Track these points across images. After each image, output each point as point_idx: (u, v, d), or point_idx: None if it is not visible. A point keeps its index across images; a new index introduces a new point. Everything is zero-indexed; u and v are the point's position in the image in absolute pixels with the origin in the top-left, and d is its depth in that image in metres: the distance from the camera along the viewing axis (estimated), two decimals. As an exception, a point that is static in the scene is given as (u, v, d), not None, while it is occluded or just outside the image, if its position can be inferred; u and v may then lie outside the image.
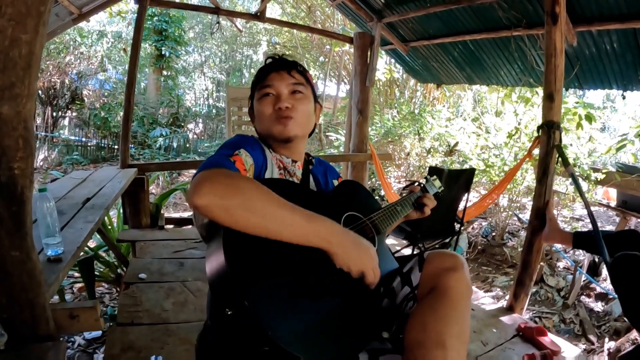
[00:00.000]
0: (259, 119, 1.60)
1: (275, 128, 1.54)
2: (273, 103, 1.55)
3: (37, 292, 1.78)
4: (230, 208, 1.09)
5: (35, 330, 1.83)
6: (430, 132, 8.62)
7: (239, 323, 1.10)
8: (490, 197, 4.72)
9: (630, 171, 5.56)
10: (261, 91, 1.57)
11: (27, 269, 1.72)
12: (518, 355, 2.84)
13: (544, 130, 3.33)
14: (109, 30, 17.37)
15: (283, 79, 1.56)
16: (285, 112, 1.53)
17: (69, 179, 4.14)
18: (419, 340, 1.20)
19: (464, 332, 1.22)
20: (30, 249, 1.72)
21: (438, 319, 1.21)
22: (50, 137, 13.61)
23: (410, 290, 1.42)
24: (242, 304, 1.05)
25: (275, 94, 1.56)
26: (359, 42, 5.75)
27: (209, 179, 1.11)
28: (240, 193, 1.11)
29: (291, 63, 1.61)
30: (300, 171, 1.65)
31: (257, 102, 1.59)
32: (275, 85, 1.55)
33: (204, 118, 16.79)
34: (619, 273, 2.46)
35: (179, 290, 3.35)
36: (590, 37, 3.88)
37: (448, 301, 1.24)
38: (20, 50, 1.50)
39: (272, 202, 1.15)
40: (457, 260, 1.34)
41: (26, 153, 1.60)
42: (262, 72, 1.60)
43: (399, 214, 1.73)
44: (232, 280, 1.07)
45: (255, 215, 1.11)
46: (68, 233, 2.50)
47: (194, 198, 1.09)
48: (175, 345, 2.63)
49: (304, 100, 1.58)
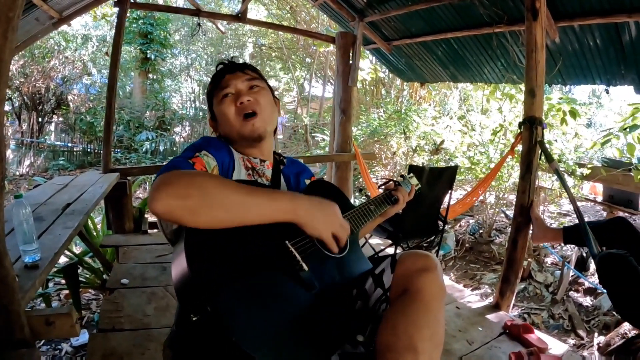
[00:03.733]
0: (223, 122, 1.59)
1: (244, 128, 1.53)
2: (234, 101, 1.54)
3: (10, 298, 1.76)
4: (191, 207, 1.08)
5: (10, 336, 1.81)
6: (416, 131, 8.64)
7: (204, 329, 1.08)
8: (474, 193, 4.73)
9: (615, 165, 5.59)
10: (220, 94, 1.57)
11: (0, 276, 1.70)
12: (504, 354, 2.82)
13: (526, 126, 3.34)
14: (94, 34, 17.26)
15: (238, 77, 1.58)
16: (247, 105, 1.53)
17: (50, 185, 4.10)
18: (389, 344, 1.17)
19: (436, 335, 1.19)
20: (3, 255, 1.70)
21: (409, 322, 1.18)
22: (36, 143, 13.50)
23: (382, 292, 1.40)
24: (205, 310, 1.03)
25: (234, 92, 1.56)
26: (341, 41, 5.74)
27: (164, 183, 1.09)
28: (197, 189, 1.10)
29: (242, 64, 1.63)
30: (269, 170, 1.62)
31: (218, 106, 1.59)
32: (232, 84, 1.56)
33: (191, 121, 16.73)
34: (606, 271, 2.48)
35: (161, 295, 3.32)
36: (572, 32, 3.88)
37: (420, 303, 1.21)
38: (-11, 56, 1.48)
39: (231, 190, 1.15)
40: (430, 260, 1.31)
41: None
42: (217, 77, 1.61)
43: (372, 213, 1.71)
44: (194, 285, 1.05)
45: (217, 208, 1.11)
46: (47, 239, 2.47)
47: (152, 205, 1.07)
48: (157, 351, 2.60)
49: (262, 92, 1.59)
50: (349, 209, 1.61)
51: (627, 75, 3.98)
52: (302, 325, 1.18)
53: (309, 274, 1.27)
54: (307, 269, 1.26)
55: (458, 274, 5.98)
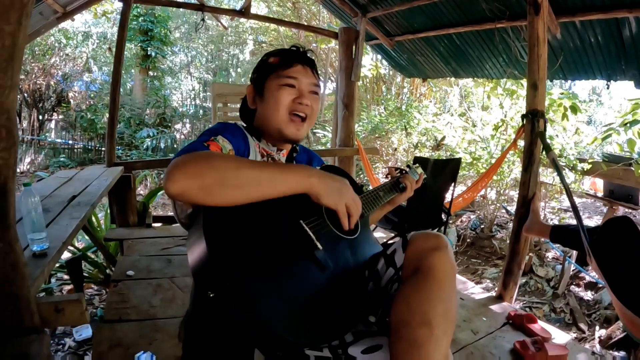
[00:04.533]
0: (270, 108, 1.52)
1: (289, 128, 1.51)
2: (294, 95, 1.51)
3: (20, 284, 1.75)
4: (206, 186, 1.09)
5: (20, 323, 1.80)
6: (417, 127, 8.64)
7: (221, 305, 1.09)
8: (477, 186, 4.74)
9: (616, 160, 5.60)
10: (282, 79, 1.51)
11: (11, 261, 1.70)
12: (509, 343, 2.84)
13: (529, 119, 3.38)
14: (94, 31, 17.22)
15: (308, 75, 1.54)
16: (305, 109, 1.51)
17: (54, 178, 4.10)
18: (404, 319, 1.18)
19: (450, 311, 1.20)
20: (13, 241, 1.70)
21: (423, 298, 1.20)
22: (37, 141, 13.49)
23: (394, 272, 1.41)
24: (224, 285, 1.04)
25: (297, 88, 1.52)
26: (344, 37, 5.73)
27: (179, 164, 1.10)
28: (211, 168, 1.10)
29: (314, 61, 1.60)
30: (284, 158, 1.63)
31: (273, 89, 1.52)
32: (299, 79, 1.52)
33: (191, 118, 16.70)
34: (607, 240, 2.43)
35: (167, 287, 3.33)
36: (573, 28, 3.89)
37: (432, 281, 1.22)
38: (3, 41, 1.49)
39: (244, 167, 1.15)
40: (441, 240, 1.33)
41: (9, 143, 1.58)
42: (286, 60, 1.55)
43: (381, 199, 1.73)
44: (212, 261, 1.06)
45: (232, 186, 1.11)
46: (54, 229, 2.46)
47: (168, 185, 1.08)
48: (163, 341, 2.61)
49: (317, 102, 1.57)
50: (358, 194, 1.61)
51: (628, 70, 4.00)
52: (316, 304, 1.20)
53: (323, 253, 1.28)
54: (321, 249, 1.27)
55: (460, 269, 6.00)
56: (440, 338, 1.15)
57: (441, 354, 1.15)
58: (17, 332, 1.81)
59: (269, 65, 1.56)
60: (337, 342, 1.34)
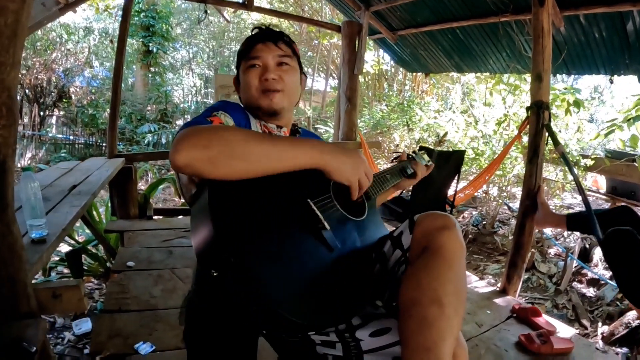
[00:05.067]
0: (244, 89, 1.56)
1: (263, 101, 1.51)
2: (259, 74, 1.51)
3: (17, 267, 1.73)
4: (213, 158, 1.06)
5: (16, 308, 1.78)
6: (420, 123, 8.63)
7: (225, 283, 1.06)
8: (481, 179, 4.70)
9: (618, 157, 5.59)
10: (247, 62, 1.53)
11: (8, 242, 1.68)
12: (514, 336, 2.83)
13: (533, 111, 3.37)
14: (96, 27, 17.22)
15: (270, 50, 1.53)
16: (271, 84, 1.50)
17: (55, 169, 4.09)
18: (414, 298, 1.16)
19: (460, 291, 1.17)
20: (11, 222, 1.68)
21: (433, 277, 1.17)
22: (38, 136, 13.47)
23: (401, 254, 1.39)
24: (229, 261, 1.01)
25: (261, 65, 1.52)
26: (347, 30, 5.72)
27: (185, 136, 1.08)
28: (219, 139, 1.08)
29: (277, 34, 1.58)
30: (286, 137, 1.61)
31: (243, 73, 1.55)
32: (261, 57, 1.52)
33: (192, 115, 16.66)
34: (611, 248, 2.50)
35: (168, 277, 3.31)
36: (577, 21, 3.88)
37: (442, 260, 1.20)
38: (7, 18, 1.49)
39: (254, 140, 1.12)
40: (449, 219, 1.30)
41: (9, 121, 1.57)
42: (249, 43, 1.56)
43: (388, 182, 1.71)
44: (217, 238, 1.03)
45: (239, 158, 1.08)
46: (53, 217, 2.45)
47: (174, 158, 1.05)
48: (164, 331, 2.59)
49: (290, 71, 1.55)
50: None
51: (632, 64, 3.99)
52: (323, 286, 1.17)
53: (331, 234, 1.25)
54: (329, 229, 1.24)
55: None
56: (452, 317, 1.12)
57: (452, 333, 1.12)
58: (13, 316, 1.78)
59: (239, 53, 1.60)
60: (344, 326, 1.31)
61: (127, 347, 2.43)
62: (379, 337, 1.29)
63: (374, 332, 1.30)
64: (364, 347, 1.29)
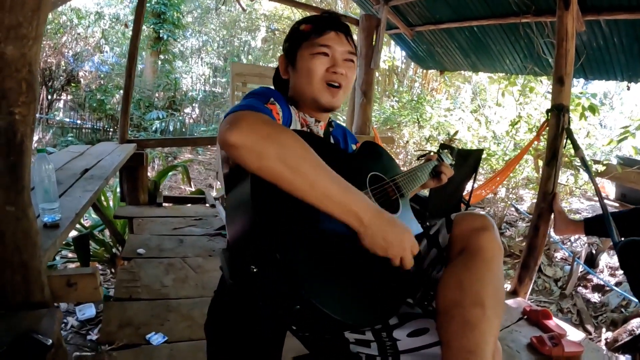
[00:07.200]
0: (304, 78, 1.45)
1: (324, 96, 1.44)
2: (327, 64, 1.43)
3: (31, 253, 1.68)
4: (264, 156, 1.00)
5: (29, 296, 1.72)
6: (431, 121, 8.60)
7: (265, 281, 1.03)
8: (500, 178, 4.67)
9: (630, 164, 5.57)
10: (315, 48, 1.43)
11: (23, 227, 1.63)
12: (525, 338, 2.84)
13: (554, 114, 3.37)
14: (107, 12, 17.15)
15: (342, 43, 1.45)
16: (339, 77, 1.43)
17: (66, 152, 4.06)
18: (456, 300, 1.15)
19: (499, 293, 1.18)
20: (26, 205, 1.63)
21: (474, 279, 1.16)
22: (45, 119, 13.45)
23: (437, 253, 1.37)
24: (274, 257, 0.97)
25: (330, 56, 1.44)
26: (365, 24, 5.67)
27: (248, 119, 1.03)
28: (279, 143, 1.02)
29: (348, 27, 1.51)
30: (322, 131, 1.56)
31: (305, 59, 1.45)
32: (333, 47, 1.43)
33: (200, 103, 16.65)
34: (627, 257, 2.52)
35: (179, 266, 3.29)
36: (598, 26, 3.85)
37: (481, 261, 1.19)
38: (31, -10, 1.44)
39: (310, 161, 1.05)
40: (487, 220, 1.28)
41: (29, 98, 1.53)
42: (318, 27, 1.46)
43: (419, 180, 1.68)
44: (262, 234, 0.99)
45: (288, 169, 1.01)
46: (66, 201, 2.41)
47: (229, 132, 1.00)
48: (176, 322, 2.58)
49: (353, 70, 1.49)
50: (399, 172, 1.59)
51: (649, 72, 3.97)
52: (365, 284, 1.15)
53: None
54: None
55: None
56: (493, 319, 1.12)
57: (493, 335, 1.12)
58: (25, 305, 1.71)
59: (301, 34, 1.48)
60: (380, 325, 1.29)
61: (139, 337, 2.40)
62: (417, 337, 1.28)
63: (412, 332, 1.29)
64: (402, 347, 1.28)
